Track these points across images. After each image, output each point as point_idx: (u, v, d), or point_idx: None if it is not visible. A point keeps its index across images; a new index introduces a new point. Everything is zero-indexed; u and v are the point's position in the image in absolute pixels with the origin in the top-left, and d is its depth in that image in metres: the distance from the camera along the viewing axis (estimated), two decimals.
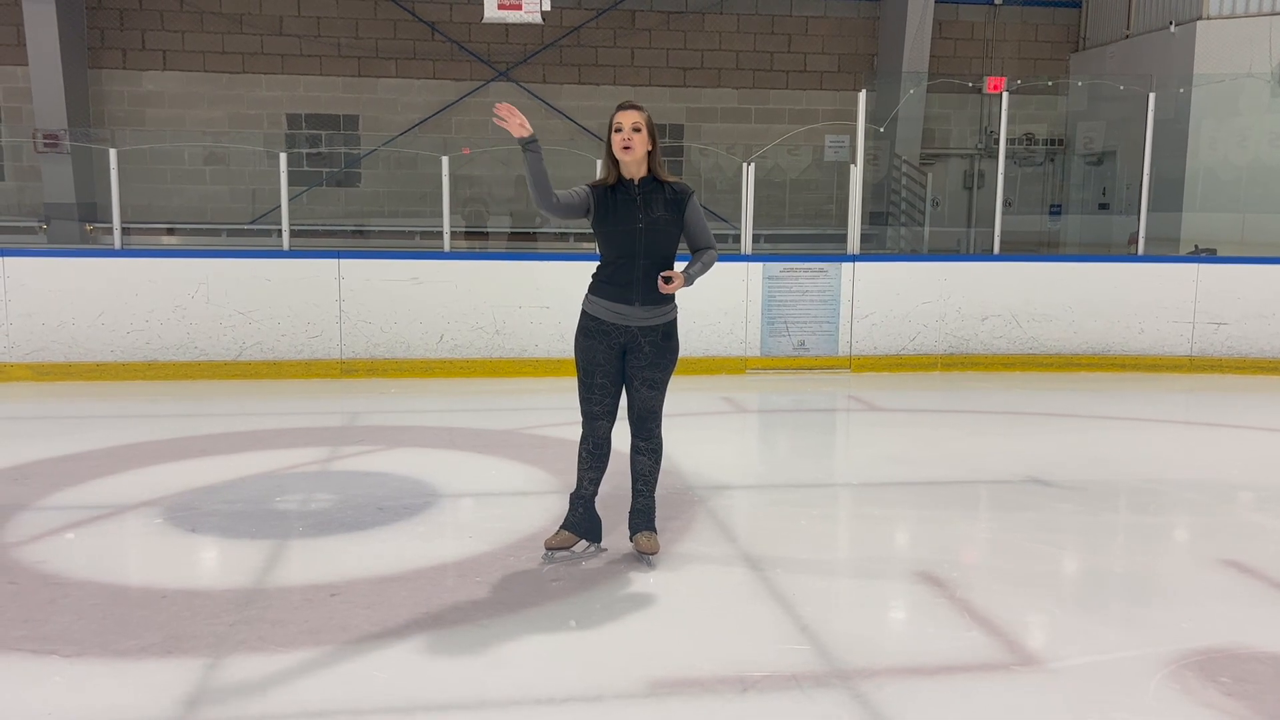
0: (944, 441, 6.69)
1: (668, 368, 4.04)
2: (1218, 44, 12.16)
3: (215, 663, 3.16)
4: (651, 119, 3.97)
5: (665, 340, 4.01)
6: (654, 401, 4.06)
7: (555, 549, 4.20)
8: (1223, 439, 6.91)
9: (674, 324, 4.06)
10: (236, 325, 8.42)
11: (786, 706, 2.92)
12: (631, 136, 3.86)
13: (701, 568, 4.09)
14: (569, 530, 4.23)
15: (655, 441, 4.12)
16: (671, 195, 3.96)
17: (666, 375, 4.05)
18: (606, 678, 3.09)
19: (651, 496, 4.19)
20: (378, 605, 3.63)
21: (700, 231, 4.07)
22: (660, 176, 3.97)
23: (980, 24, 15.57)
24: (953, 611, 3.64)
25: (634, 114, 3.90)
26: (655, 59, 15.14)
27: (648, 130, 3.90)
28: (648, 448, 4.12)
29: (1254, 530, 4.77)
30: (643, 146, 3.88)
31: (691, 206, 4.01)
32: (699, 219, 4.05)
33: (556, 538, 4.22)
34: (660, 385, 4.05)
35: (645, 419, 4.08)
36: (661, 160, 4.01)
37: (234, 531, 4.48)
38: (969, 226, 14.72)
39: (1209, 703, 2.95)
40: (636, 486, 4.18)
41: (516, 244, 13.84)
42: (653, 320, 3.97)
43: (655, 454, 4.14)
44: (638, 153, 3.88)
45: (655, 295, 3.94)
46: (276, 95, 14.63)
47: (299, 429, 6.64)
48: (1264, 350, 9.27)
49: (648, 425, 4.09)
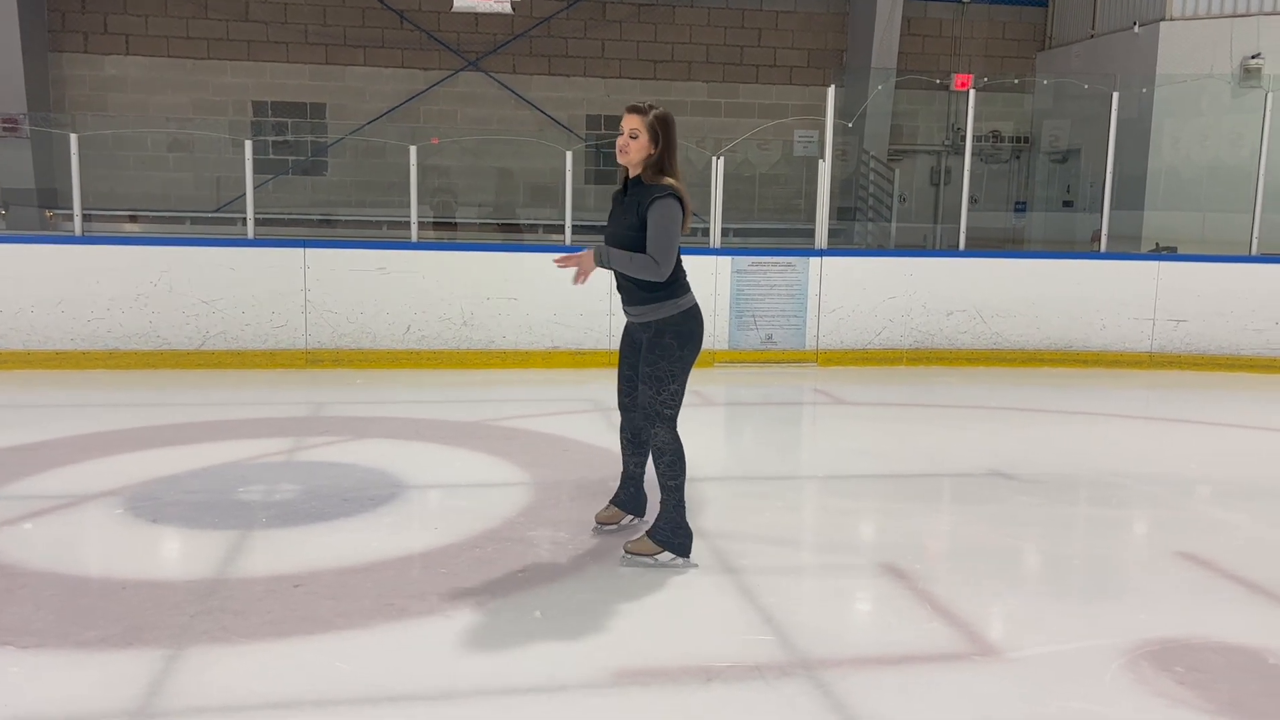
0: (909, 435, 6.75)
1: (654, 364, 3.91)
2: (1180, 44, 12.34)
3: (176, 654, 3.13)
4: (663, 123, 3.87)
5: (656, 337, 3.93)
6: (647, 397, 3.94)
7: (602, 524, 4.41)
8: (1181, 434, 7.03)
9: (667, 322, 3.90)
10: (200, 314, 8.33)
11: (749, 697, 2.94)
12: (627, 143, 3.87)
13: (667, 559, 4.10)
14: (615, 506, 4.45)
15: (657, 440, 3.96)
16: (642, 198, 3.86)
17: (654, 371, 3.91)
18: (571, 669, 3.09)
19: (665, 505, 4.01)
20: (342, 596, 3.61)
21: (648, 235, 3.82)
22: (644, 179, 3.89)
23: (948, 21, 15.69)
24: (915, 603, 3.68)
25: (633, 119, 3.88)
26: (625, 51, 15.12)
27: (649, 135, 3.85)
28: (652, 446, 4.01)
29: (1210, 523, 4.86)
30: (638, 152, 3.86)
31: (653, 209, 3.81)
32: (652, 223, 3.80)
33: (605, 512, 4.45)
34: (651, 381, 3.92)
35: (643, 417, 4.00)
36: (663, 162, 3.86)
37: (196, 522, 4.43)
38: (935, 223, 14.84)
39: (1162, 691, 3.01)
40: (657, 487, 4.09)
41: (485, 235, 13.79)
42: (641, 318, 3.98)
43: (658, 452, 3.97)
44: (630, 157, 3.88)
45: (628, 295, 3.98)
46: (242, 82, 14.46)
47: (263, 419, 6.58)
48: (1222, 347, 9.44)
49: (645, 424, 4.00)
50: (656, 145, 3.86)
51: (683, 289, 3.96)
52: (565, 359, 8.83)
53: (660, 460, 3.99)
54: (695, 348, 3.99)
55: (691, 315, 3.97)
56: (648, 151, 3.87)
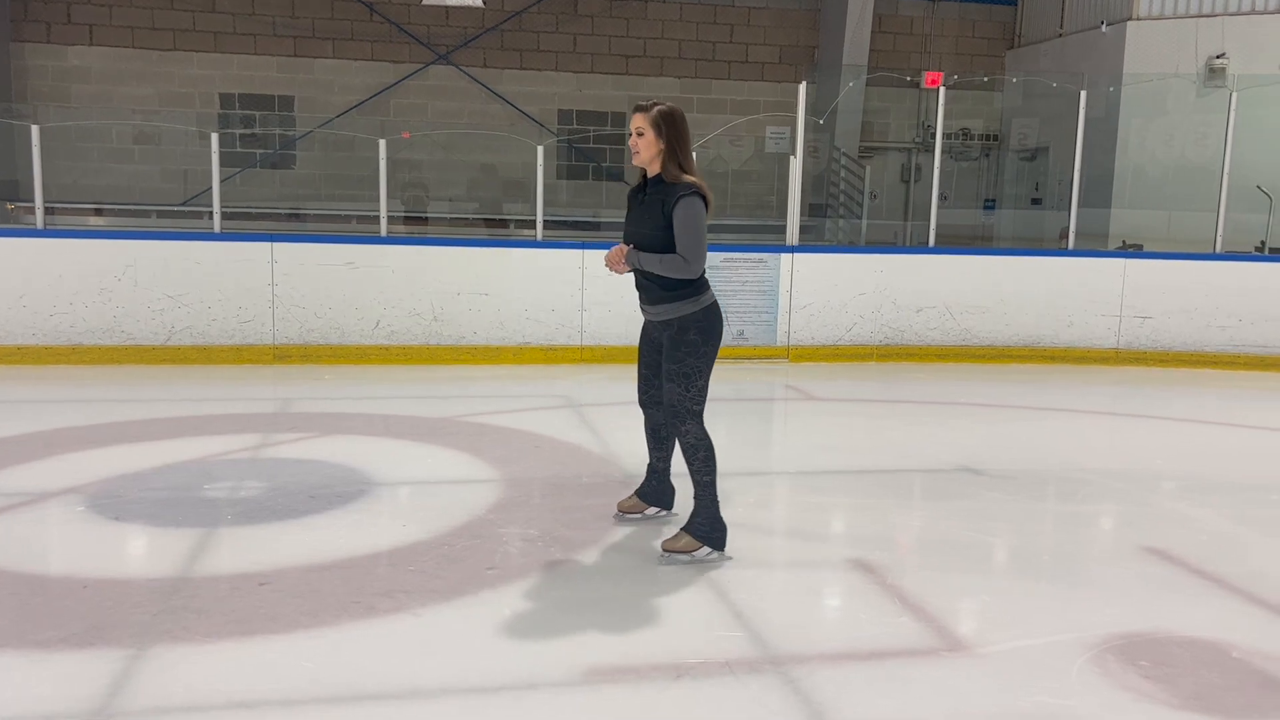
0: (879, 431, 6.78)
1: (681, 361, 3.95)
2: (1147, 44, 12.46)
3: (138, 653, 3.08)
4: (667, 118, 3.91)
5: (679, 334, 3.96)
6: (674, 395, 3.98)
7: (625, 513, 4.50)
8: (1147, 429, 7.10)
9: (690, 319, 3.93)
10: (165, 309, 8.22)
11: (719, 693, 2.94)
12: (636, 142, 3.94)
13: (637, 556, 4.09)
14: (638, 496, 4.52)
15: (688, 438, 4.01)
16: (666, 196, 3.90)
17: (681, 369, 3.95)
18: (541, 666, 3.07)
19: (698, 498, 4.05)
20: (308, 594, 3.57)
21: (676, 235, 3.86)
22: (665, 177, 3.93)
23: (919, 19, 15.77)
24: (885, 598, 3.69)
25: (638, 117, 3.95)
26: (598, 46, 15.08)
27: (654, 131, 3.91)
28: (682, 443, 4.06)
29: (1176, 518, 4.91)
30: (647, 150, 3.93)
31: (678, 208, 3.85)
32: (679, 222, 3.85)
33: (627, 501, 4.54)
34: (677, 379, 3.96)
35: (671, 414, 4.04)
36: (678, 159, 3.92)
37: (160, 519, 4.37)
38: (906, 220, 14.92)
39: (1128, 685, 3.03)
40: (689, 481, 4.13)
41: (456, 230, 13.70)
42: (661, 316, 4.01)
43: (691, 450, 4.03)
44: (641, 156, 3.96)
45: (649, 294, 4.02)
46: (209, 74, 14.28)
47: (229, 415, 6.50)
48: (1186, 343, 9.55)
49: (674, 421, 4.04)
50: (663, 141, 3.91)
51: (703, 286, 4.00)
52: (537, 355, 8.79)
53: (695, 458, 4.03)
54: (718, 343, 4.04)
55: (712, 311, 4.00)
56: (656, 148, 3.92)
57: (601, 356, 8.87)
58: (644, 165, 3.99)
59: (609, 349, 8.92)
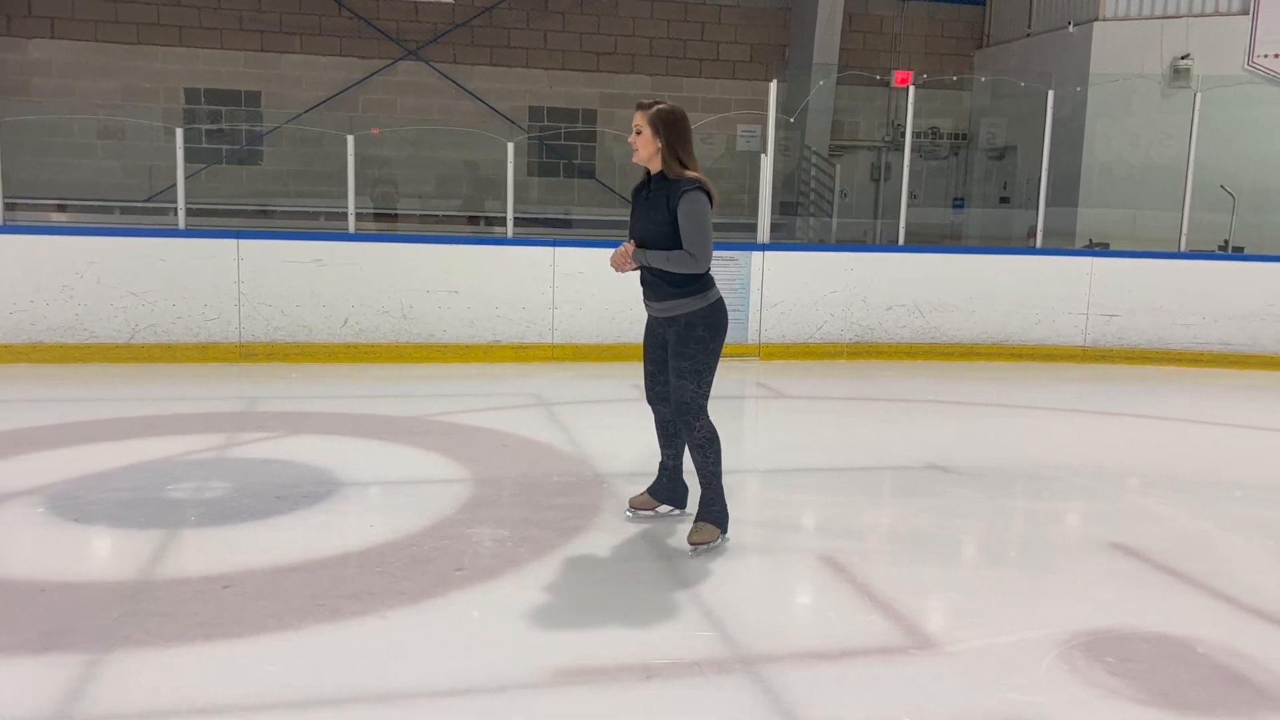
0: (849, 429, 6.80)
1: (691, 357, 4.02)
2: (1113, 44, 12.58)
3: (97, 659, 3.02)
4: (665, 117, 3.97)
5: (687, 330, 4.02)
6: (682, 391, 4.04)
7: (636, 509, 4.52)
8: (1113, 426, 7.17)
9: (696, 315, 4.00)
10: (129, 307, 8.10)
11: (689, 694, 2.92)
12: (634, 139, 4.02)
13: (607, 556, 4.07)
14: (649, 494, 4.54)
15: (697, 434, 4.09)
16: (670, 192, 3.96)
17: (692, 365, 4.02)
18: (510, 668, 3.04)
19: (708, 489, 4.15)
20: (273, 597, 3.52)
21: (681, 231, 3.93)
22: (668, 174, 3.99)
23: (889, 18, 15.83)
24: (855, 596, 3.69)
25: (638, 116, 4.02)
26: (568, 42, 15.01)
27: (651, 129, 3.97)
28: (690, 440, 4.13)
29: (1142, 514, 4.95)
30: (646, 147, 4.00)
31: (682, 203, 3.91)
32: (683, 218, 3.92)
33: (639, 498, 4.55)
34: (685, 374, 4.02)
35: (679, 410, 4.09)
36: (678, 156, 3.97)
37: (121, 521, 4.29)
38: (875, 218, 14.97)
39: (1095, 681, 3.05)
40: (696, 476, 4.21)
41: (425, 227, 13.60)
42: (667, 313, 4.06)
43: (700, 447, 4.10)
44: (639, 154, 4.03)
45: (656, 291, 4.07)
46: (174, 68, 14.06)
47: (194, 415, 6.41)
48: (1151, 341, 9.66)
49: (684, 416, 4.09)
50: (660, 139, 3.96)
51: (709, 282, 4.06)
52: (507, 353, 8.75)
53: (708, 452, 4.12)
54: (723, 338, 4.11)
55: (718, 307, 4.08)
56: (654, 146, 3.98)
57: (573, 355, 8.84)
58: (643, 163, 4.07)
59: (580, 347, 8.89)
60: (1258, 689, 3.05)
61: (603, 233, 13.35)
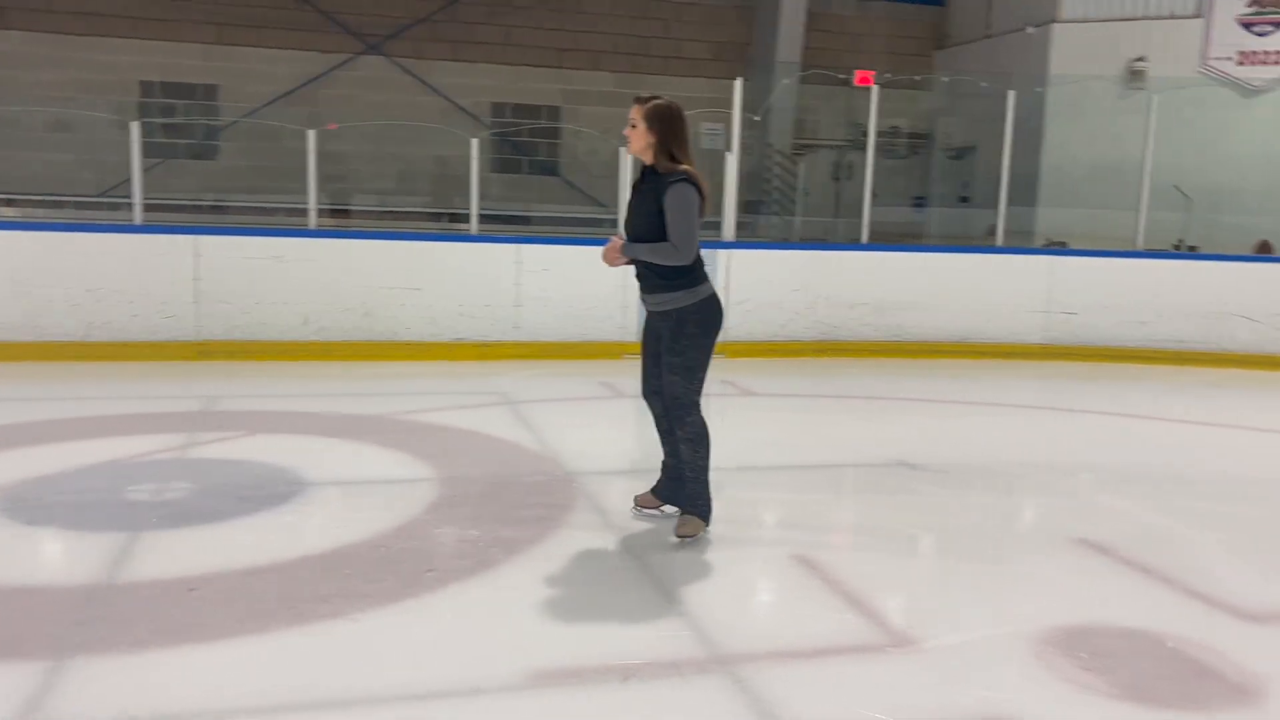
0: (817, 426, 6.82)
1: (682, 353, 4.07)
2: (1071, 46, 12.75)
3: (55, 666, 2.93)
4: (660, 112, 4.02)
5: (679, 327, 4.08)
6: (675, 387, 4.10)
7: (642, 507, 4.52)
8: (1074, 423, 7.24)
9: (687, 311, 4.05)
10: (83, 304, 7.92)
11: (667, 695, 2.90)
12: (629, 132, 4.07)
13: (579, 555, 4.04)
14: (653, 493, 4.53)
15: (689, 429, 4.14)
16: (659, 186, 4.01)
17: (683, 362, 4.07)
18: (485, 671, 3.00)
19: (696, 482, 4.22)
20: (239, 600, 3.44)
21: (667, 223, 3.98)
22: (658, 167, 4.04)
23: (850, 18, 15.91)
24: (827, 594, 3.69)
25: (634, 109, 4.06)
26: (531, 38, 14.91)
27: (646, 124, 4.02)
28: (682, 435, 4.17)
29: (1104, 511, 5.00)
30: (637, 141, 4.06)
31: (668, 195, 3.96)
32: (669, 209, 3.97)
33: (644, 497, 4.55)
34: (677, 370, 4.08)
35: (671, 405, 4.16)
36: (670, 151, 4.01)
37: (79, 524, 4.19)
38: (836, 217, 15.06)
39: (1068, 677, 3.07)
40: (683, 470, 4.24)
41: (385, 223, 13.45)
42: (660, 307, 4.11)
43: (690, 441, 4.16)
44: (632, 146, 4.09)
45: (647, 284, 4.12)
46: (128, 60, 13.76)
47: (151, 414, 6.28)
48: (1109, 339, 9.79)
49: (675, 412, 4.16)
50: (655, 134, 4.01)
51: (700, 278, 4.10)
52: (470, 351, 8.67)
53: (698, 447, 4.18)
54: (715, 334, 4.15)
55: (710, 303, 4.12)
56: (646, 140, 4.03)
57: (538, 352, 8.78)
58: (637, 155, 4.12)
59: (545, 345, 8.83)
60: (1227, 683, 3.09)
61: (565, 229, 13.31)
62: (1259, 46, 11.98)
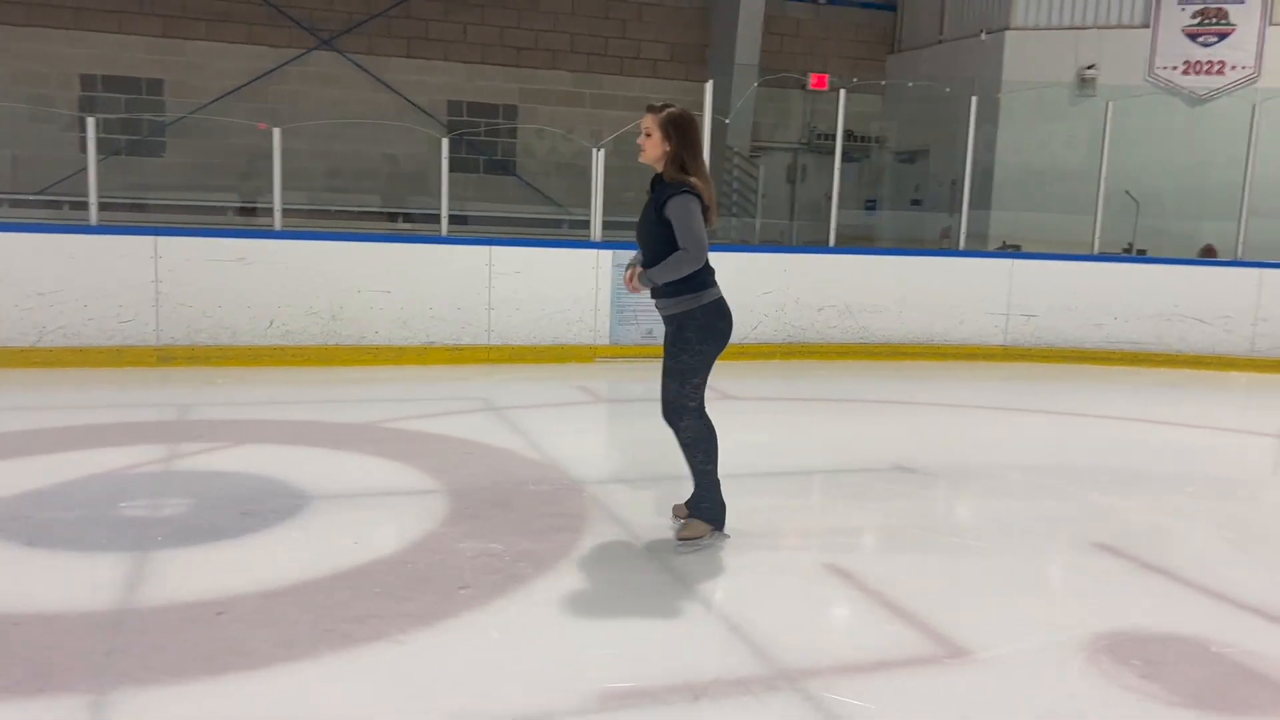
0: (804, 429, 6.83)
1: (676, 357, 4.06)
2: (1024, 53, 13.00)
3: (99, 699, 2.76)
4: (676, 122, 3.98)
5: (678, 331, 4.06)
6: (670, 391, 4.09)
7: (679, 517, 4.41)
8: (1049, 425, 7.36)
9: (689, 316, 4.03)
10: (35, 308, 7.58)
11: (742, 714, 2.83)
12: (643, 140, 4.03)
13: (608, 568, 3.96)
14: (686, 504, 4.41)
15: (683, 433, 4.13)
16: (662, 196, 3.97)
17: (677, 365, 4.06)
18: (552, 693, 2.90)
19: (699, 485, 4.20)
20: (273, 624, 3.28)
21: (675, 232, 3.94)
22: (665, 177, 4.00)
23: (805, 21, 16.01)
24: (868, 604, 3.67)
25: (648, 118, 4.03)
26: (488, 36, 14.68)
27: (661, 133, 3.98)
28: (678, 438, 4.16)
29: (1105, 512, 5.05)
30: (652, 150, 4.01)
31: (669, 206, 3.93)
32: (673, 218, 3.93)
33: (680, 507, 4.44)
34: (671, 374, 4.07)
35: (667, 409, 4.14)
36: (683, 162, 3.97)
37: (80, 543, 3.97)
38: (792, 219, 15.15)
39: (1129, 685, 3.08)
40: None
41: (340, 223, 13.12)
42: (665, 311, 4.10)
43: (686, 445, 4.15)
44: (646, 155, 4.05)
45: (655, 289, 4.08)
46: (68, 53, 13.17)
47: (124, 424, 6.02)
48: (1068, 340, 10.01)
49: (671, 417, 4.14)
50: (670, 143, 3.97)
51: (705, 283, 4.06)
52: (441, 355, 8.51)
53: (696, 451, 4.15)
54: (717, 341, 4.11)
55: (713, 309, 4.08)
56: (662, 149, 3.99)
57: (510, 356, 8.66)
58: (649, 163, 4.07)
59: (518, 348, 8.71)
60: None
61: (523, 230, 13.16)
62: (1204, 57, 12.37)
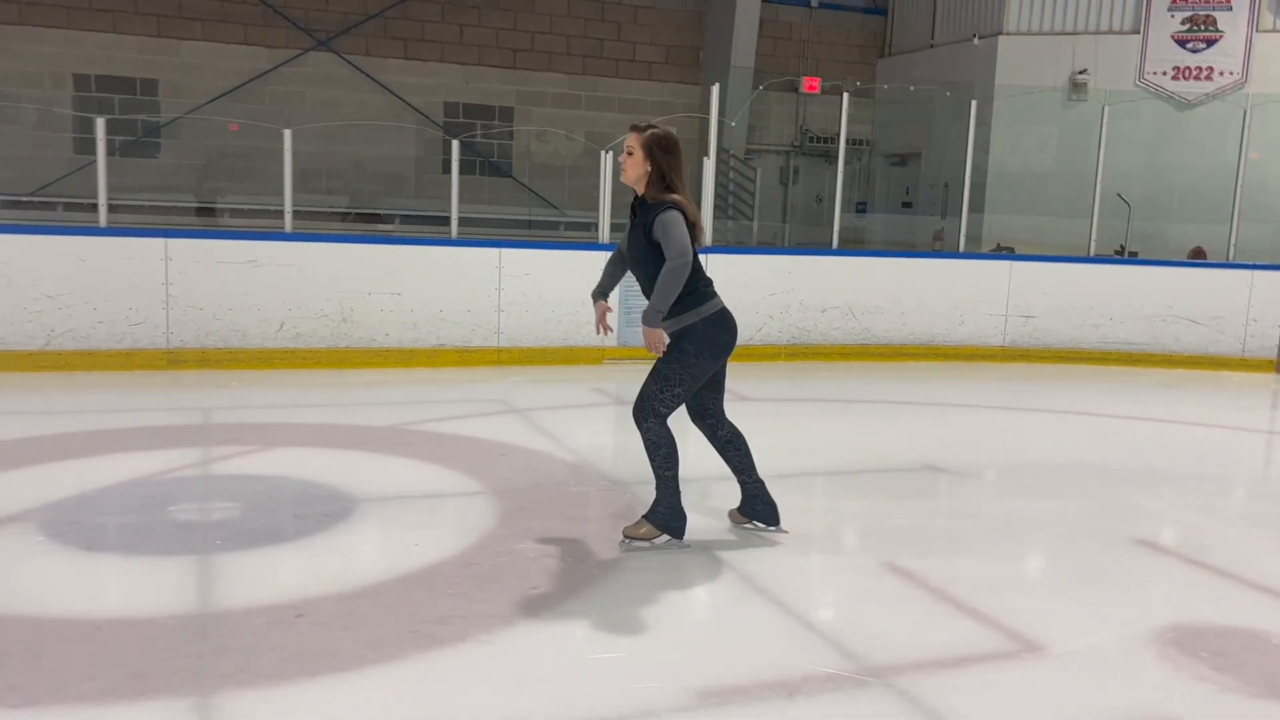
0: (827, 430, 6.90)
1: (669, 364, 4.00)
2: (1016, 57, 13.18)
3: (203, 702, 2.76)
4: (659, 142, 3.94)
5: (677, 341, 4.03)
6: (648, 389, 4.04)
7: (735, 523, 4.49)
8: (1061, 424, 7.47)
9: (688, 330, 4.01)
10: (44, 310, 7.49)
11: (838, 709, 2.88)
12: (625, 159, 3.98)
13: (672, 569, 3.98)
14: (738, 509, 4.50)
15: (648, 435, 4.06)
16: (647, 218, 3.94)
17: (668, 372, 4.00)
18: (650, 692, 2.93)
19: (663, 488, 4.12)
20: (355, 625, 3.29)
21: (665, 250, 3.88)
22: (647, 198, 3.97)
23: (798, 25, 16.12)
24: (934, 601, 3.73)
25: (630, 137, 3.99)
26: (485, 38, 14.66)
27: (643, 153, 3.94)
28: (643, 439, 4.09)
29: (1138, 509, 5.14)
30: (633, 169, 3.97)
31: (655, 225, 3.89)
32: (660, 236, 3.87)
33: (734, 511, 4.51)
34: (658, 377, 4.02)
35: (638, 404, 4.06)
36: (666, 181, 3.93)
37: (140, 549, 3.95)
38: (784, 221, 15.26)
39: (1204, 677, 3.16)
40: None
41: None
42: (668, 330, 4.05)
43: (652, 446, 4.07)
44: (627, 175, 4.00)
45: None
46: (61, 52, 13.00)
47: (150, 428, 5.97)
48: (1065, 341, 10.16)
49: (638, 414, 4.06)
50: (651, 164, 3.93)
51: (703, 297, 4.04)
52: (451, 357, 8.50)
53: (656, 453, 4.07)
54: (715, 356, 4.09)
55: (714, 322, 4.06)
56: (643, 169, 3.96)
57: (520, 358, 8.66)
58: (630, 184, 4.04)
59: (527, 350, 8.72)
60: None
61: (521, 233, 13.16)
62: (1192, 62, 12.61)
